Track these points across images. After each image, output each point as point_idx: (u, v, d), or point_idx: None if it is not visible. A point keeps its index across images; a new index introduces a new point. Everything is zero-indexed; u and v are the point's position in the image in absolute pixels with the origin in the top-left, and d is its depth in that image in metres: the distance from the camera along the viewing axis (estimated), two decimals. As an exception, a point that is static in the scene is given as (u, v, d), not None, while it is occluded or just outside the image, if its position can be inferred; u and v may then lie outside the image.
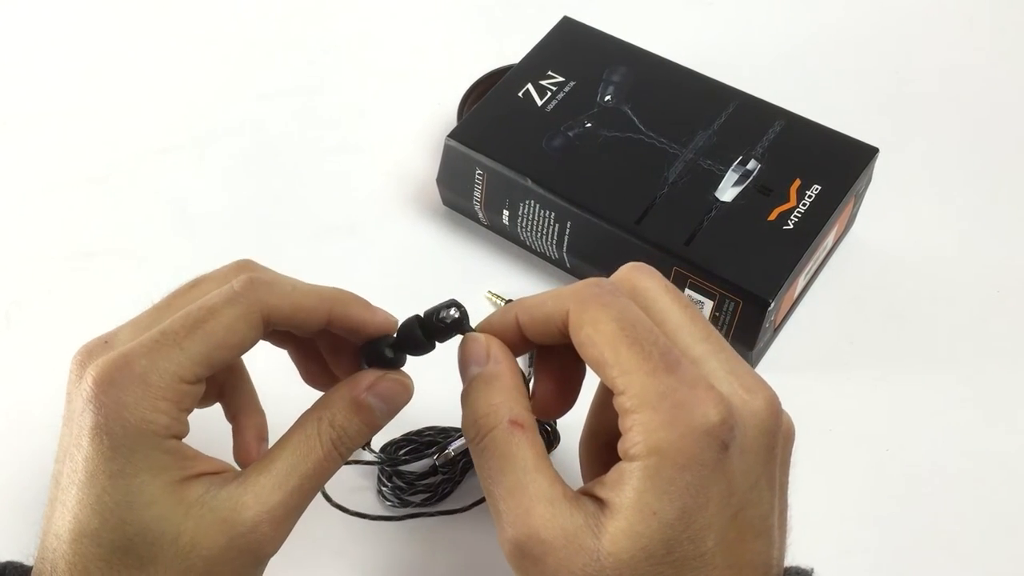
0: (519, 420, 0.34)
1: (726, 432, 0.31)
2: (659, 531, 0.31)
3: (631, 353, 0.32)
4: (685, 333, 0.34)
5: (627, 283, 0.35)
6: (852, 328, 0.58)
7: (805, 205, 0.55)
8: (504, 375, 0.35)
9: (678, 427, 0.31)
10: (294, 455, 0.35)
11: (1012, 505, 0.51)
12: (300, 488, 0.35)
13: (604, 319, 0.33)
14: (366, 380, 0.37)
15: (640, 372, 0.32)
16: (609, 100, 0.61)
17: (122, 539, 0.33)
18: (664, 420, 0.31)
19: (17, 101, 0.72)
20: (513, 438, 0.34)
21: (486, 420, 0.34)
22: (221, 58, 0.75)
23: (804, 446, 0.53)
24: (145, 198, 0.66)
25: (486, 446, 0.34)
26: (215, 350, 0.34)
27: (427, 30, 0.76)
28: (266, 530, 0.34)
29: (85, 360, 0.35)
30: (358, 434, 0.37)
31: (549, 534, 0.32)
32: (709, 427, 0.31)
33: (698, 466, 0.31)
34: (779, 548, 0.35)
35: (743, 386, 0.33)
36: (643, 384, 0.32)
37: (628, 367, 0.32)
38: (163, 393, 0.33)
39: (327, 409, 0.36)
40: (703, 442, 0.31)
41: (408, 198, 0.65)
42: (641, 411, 0.31)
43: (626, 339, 0.32)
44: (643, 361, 0.32)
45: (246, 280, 0.35)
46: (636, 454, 0.31)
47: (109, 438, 0.33)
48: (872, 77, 0.72)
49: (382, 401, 0.37)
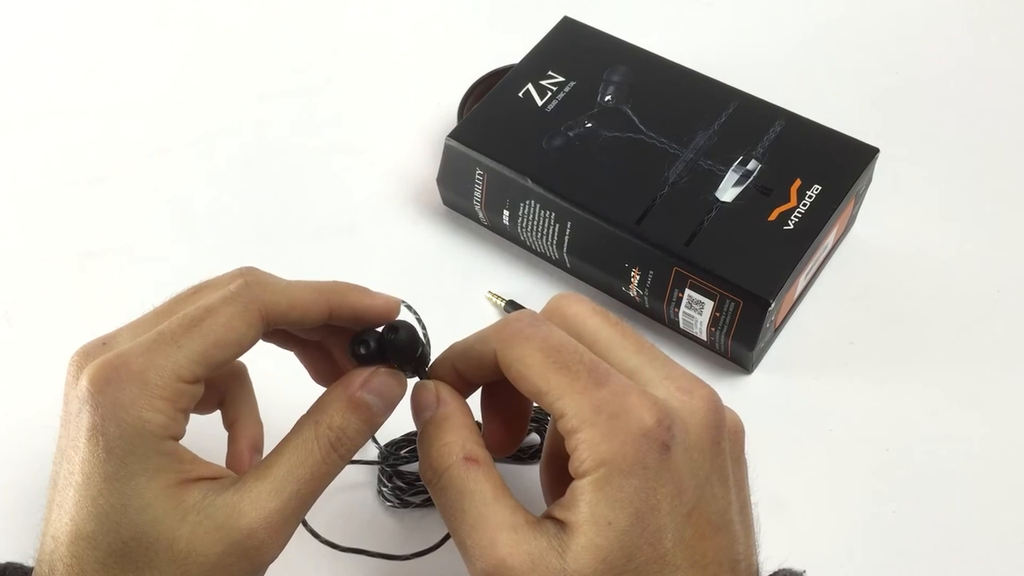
0: (472, 456, 0.35)
1: (663, 432, 0.32)
2: (616, 540, 0.32)
3: (560, 377, 0.33)
4: (618, 348, 0.35)
5: (556, 313, 0.37)
6: (852, 328, 0.58)
7: (805, 205, 0.55)
8: (454, 415, 0.36)
9: (618, 436, 0.32)
10: (291, 460, 0.35)
11: (1012, 505, 0.51)
12: (298, 494, 0.35)
13: (529, 351, 0.34)
14: (359, 378, 0.37)
15: (572, 392, 0.33)
16: (609, 100, 0.61)
17: (118, 543, 0.33)
18: (604, 432, 0.32)
19: (17, 101, 0.72)
20: (470, 473, 0.35)
21: (440, 460, 0.35)
22: (221, 58, 0.75)
23: (804, 446, 0.53)
24: (145, 198, 0.66)
25: (444, 485, 0.35)
26: (213, 348, 0.34)
27: (427, 30, 0.76)
28: (263, 537, 0.34)
29: (82, 361, 0.35)
30: (358, 433, 0.37)
31: (516, 560, 0.33)
32: (646, 431, 0.32)
33: (642, 470, 0.32)
34: (744, 543, 0.35)
35: (679, 388, 0.34)
36: (577, 403, 0.33)
37: (561, 391, 0.33)
38: (160, 392, 0.33)
39: (323, 412, 0.36)
40: (643, 446, 0.32)
41: (408, 198, 0.65)
42: (582, 429, 0.33)
43: (552, 365, 0.34)
44: (573, 381, 0.33)
45: (243, 281, 0.36)
46: (585, 470, 0.32)
47: (105, 439, 0.33)
48: (872, 77, 0.72)
49: (378, 397, 0.37)
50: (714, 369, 0.57)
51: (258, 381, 0.44)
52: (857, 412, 0.55)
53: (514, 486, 0.36)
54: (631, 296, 0.57)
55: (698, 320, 0.55)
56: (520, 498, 0.35)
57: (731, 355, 0.56)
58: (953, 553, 0.50)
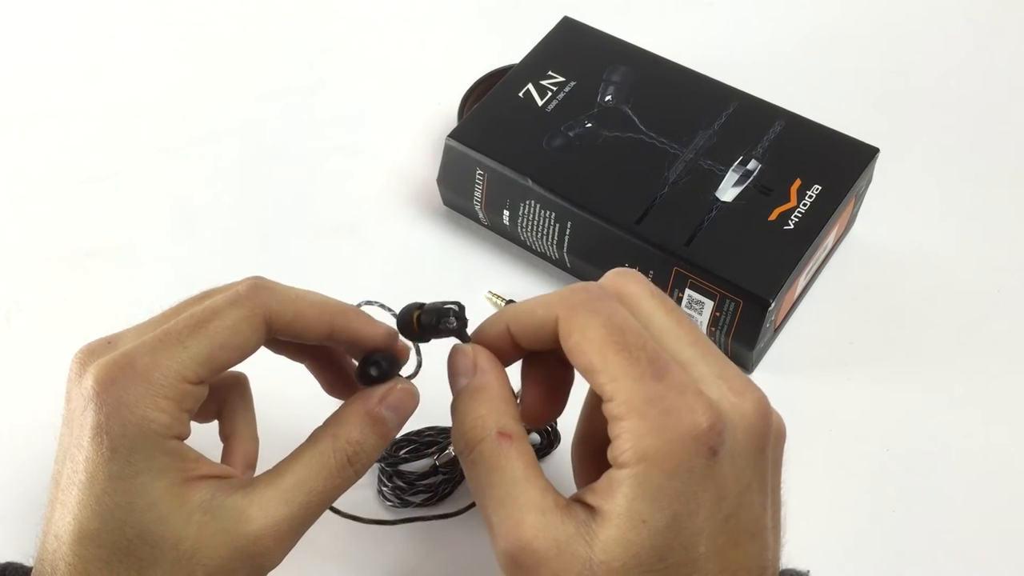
0: (507, 431, 0.34)
1: (715, 437, 0.31)
2: (649, 539, 0.31)
3: (619, 359, 0.32)
4: (672, 337, 0.34)
5: (613, 288, 0.35)
6: (852, 328, 0.58)
7: (805, 205, 0.55)
8: (491, 386, 0.35)
9: (666, 433, 0.31)
10: (305, 471, 0.35)
11: (1012, 505, 0.51)
12: (308, 504, 0.35)
13: (592, 325, 0.33)
14: (378, 393, 0.37)
15: (628, 378, 0.32)
16: (609, 100, 0.61)
17: (122, 541, 0.33)
18: (652, 427, 0.31)
19: (17, 101, 0.72)
20: (501, 449, 0.34)
21: (474, 433, 0.34)
22: (221, 58, 0.75)
23: (804, 446, 0.53)
24: (145, 198, 0.66)
25: (475, 459, 0.34)
26: (218, 350, 0.34)
27: (427, 30, 0.76)
28: (269, 544, 0.34)
29: (86, 359, 0.35)
30: (374, 449, 0.37)
31: (541, 544, 0.32)
32: (697, 433, 0.31)
33: (687, 473, 0.31)
34: (773, 549, 0.34)
35: (732, 389, 0.33)
36: (631, 390, 0.32)
37: (616, 373, 0.32)
38: (165, 391, 0.33)
39: (342, 426, 0.36)
40: (691, 448, 0.31)
41: (408, 198, 0.65)
42: (629, 417, 0.31)
43: (614, 345, 0.32)
44: (631, 367, 0.32)
45: (250, 285, 0.36)
46: (625, 461, 0.31)
47: (109, 438, 0.33)
48: (872, 77, 0.72)
49: (394, 412, 0.37)
50: (714, 369, 0.57)
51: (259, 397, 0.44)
52: (857, 412, 0.55)
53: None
54: (631, 296, 0.57)
55: (698, 320, 0.55)
56: None
57: (731, 355, 0.56)
58: (953, 553, 0.50)
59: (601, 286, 0.35)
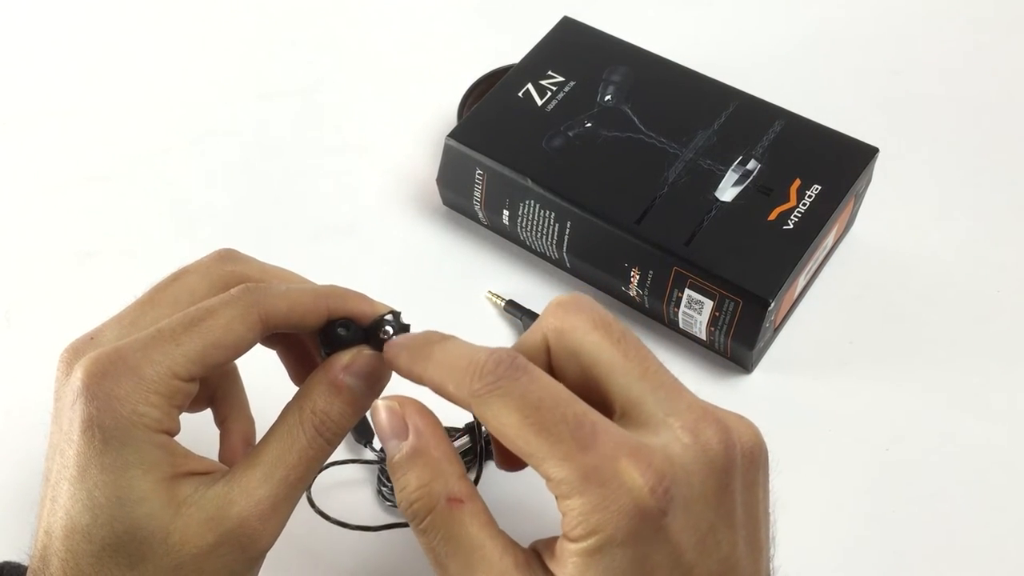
0: (456, 495, 0.33)
1: (660, 497, 0.30)
2: None
3: (540, 440, 0.31)
4: (619, 373, 0.33)
5: (552, 327, 0.34)
6: (852, 328, 0.58)
7: (805, 205, 0.55)
8: (430, 448, 0.33)
9: (609, 507, 0.30)
10: (278, 447, 0.36)
11: (1012, 505, 0.51)
12: (286, 479, 0.35)
13: (504, 411, 0.31)
14: (341, 361, 0.37)
15: (555, 458, 0.30)
16: (609, 100, 0.61)
17: (112, 536, 0.33)
18: (594, 503, 0.30)
19: (17, 101, 0.72)
20: (454, 516, 0.32)
21: (422, 503, 0.33)
22: (221, 58, 0.75)
23: (804, 446, 0.53)
24: (145, 198, 0.66)
25: (427, 528, 0.33)
26: (211, 349, 0.35)
27: (427, 30, 0.76)
28: (255, 524, 0.34)
29: (71, 357, 0.35)
30: (341, 416, 0.36)
31: None
32: (639, 499, 0.30)
33: (636, 540, 0.30)
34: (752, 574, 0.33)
35: (685, 426, 0.31)
36: (562, 470, 0.30)
37: (543, 455, 0.31)
38: (156, 387, 0.33)
39: (307, 398, 0.36)
40: (637, 516, 0.30)
41: (408, 198, 0.65)
42: (571, 496, 0.30)
43: (531, 427, 0.31)
44: (555, 446, 0.30)
45: (244, 286, 0.36)
46: (576, 536, 0.30)
47: (101, 431, 0.33)
48: (872, 77, 0.72)
49: (360, 379, 0.37)
50: (713, 369, 0.57)
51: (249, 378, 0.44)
52: (857, 412, 0.55)
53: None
54: (631, 296, 0.57)
55: (698, 320, 0.55)
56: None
57: (731, 355, 0.56)
58: (953, 553, 0.50)
59: (513, 354, 0.32)
